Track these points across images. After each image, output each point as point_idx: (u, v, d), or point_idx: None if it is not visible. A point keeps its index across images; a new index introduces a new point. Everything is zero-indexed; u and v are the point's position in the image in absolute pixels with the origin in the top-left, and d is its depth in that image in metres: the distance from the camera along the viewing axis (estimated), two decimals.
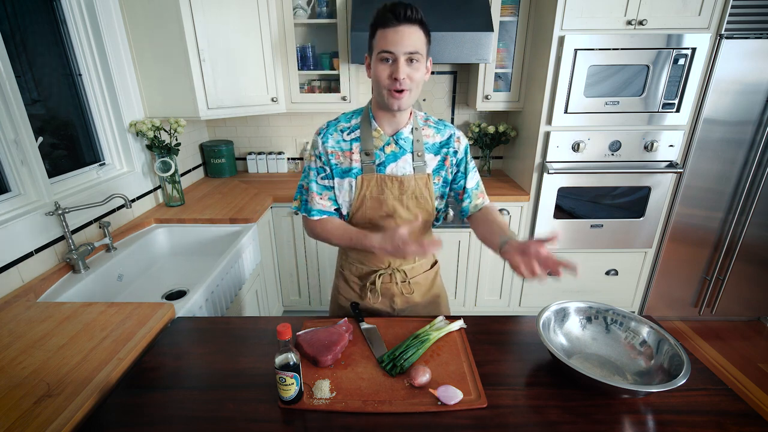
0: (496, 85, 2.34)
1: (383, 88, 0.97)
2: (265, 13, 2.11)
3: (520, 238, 2.43)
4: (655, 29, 1.94)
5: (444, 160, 1.12)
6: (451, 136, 1.12)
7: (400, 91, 0.96)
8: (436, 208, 1.16)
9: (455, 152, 1.12)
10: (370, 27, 0.98)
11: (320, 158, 1.10)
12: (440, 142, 1.11)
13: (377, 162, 1.08)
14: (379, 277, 1.17)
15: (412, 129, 1.08)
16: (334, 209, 1.13)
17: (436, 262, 1.29)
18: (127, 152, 1.92)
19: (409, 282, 1.20)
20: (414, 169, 1.09)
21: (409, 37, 0.92)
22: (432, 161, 1.11)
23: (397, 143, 1.08)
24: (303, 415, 0.81)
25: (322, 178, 1.11)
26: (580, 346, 0.98)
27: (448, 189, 1.17)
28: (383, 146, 1.07)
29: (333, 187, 1.11)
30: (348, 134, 1.09)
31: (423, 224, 1.15)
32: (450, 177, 1.15)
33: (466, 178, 1.16)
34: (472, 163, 1.17)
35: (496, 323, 1.11)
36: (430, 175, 1.10)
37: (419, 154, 1.09)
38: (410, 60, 0.94)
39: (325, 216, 1.12)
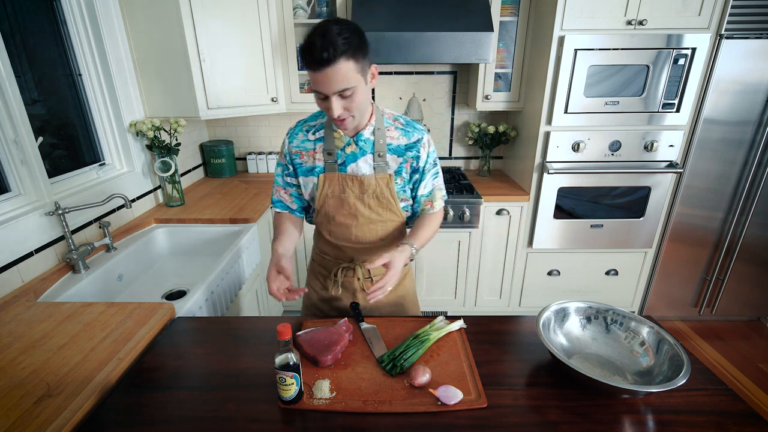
0: (496, 85, 2.34)
1: (327, 116, 0.99)
2: (265, 13, 2.11)
3: (520, 239, 2.42)
4: (655, 29, 1.94)
5: (405, 162, 1.11)
6: (418, 141, 1.11)
7: (342, 120, 0.97)
8: (404, 208, 1.18)
9: (417, 157, 1.11)
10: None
11: (285, 157, 1.16)
12: (405, 145, 1.10)
13: (339, 161, 1.10)
14: (341, 271, 1.21)
15: (373, 130, 1.08)
16: (296, 206, 1.20)
17: (406, 264, 1.28)
18: (127, 152, 1.92)
19: (371, 279, 1.21)
20: (374, 168, 1.10)
21: (335, 77, 0.89)
22: (394, 162, 1.11)
23: (357, 144, 1.08)
24: (303, 415, 0.81)
25: (286, 175, 1.17)
26: (580, 346, 0.98)
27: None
28: (344, 146, 1.09)
29: (296, 186, 1.18)
30: (313, 133, 1.12)
31: (394, 225, 1.18)
32: (409, 180, 1.15)
33: (419, 186, 1.15)
34: (433, 170, 1.16)
35: (496, 323, 1.11)
36: (392, 176, 1.11)
37: (380, 154, 1.09)
38: (342, 95, 0.93)
39: (285, 212, 1.21)
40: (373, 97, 2.59)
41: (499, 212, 2.29)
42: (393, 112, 1.14)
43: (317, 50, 0.86)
